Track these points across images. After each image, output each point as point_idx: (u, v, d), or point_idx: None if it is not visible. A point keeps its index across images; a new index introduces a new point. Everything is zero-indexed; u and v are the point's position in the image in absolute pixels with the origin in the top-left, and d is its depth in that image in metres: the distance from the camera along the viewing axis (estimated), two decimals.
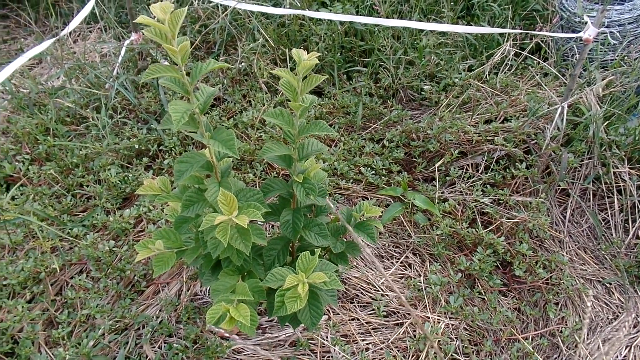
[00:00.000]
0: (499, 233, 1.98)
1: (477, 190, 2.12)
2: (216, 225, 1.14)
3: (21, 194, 2.27)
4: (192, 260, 1.37)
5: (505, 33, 2.74)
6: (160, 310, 1.92)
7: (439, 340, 1.69)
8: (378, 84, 2.85)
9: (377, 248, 2.13)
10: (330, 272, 1.26)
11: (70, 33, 3.60)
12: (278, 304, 1.20)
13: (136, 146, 2.46)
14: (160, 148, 2.51)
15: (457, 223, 2.00)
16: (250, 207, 1.25)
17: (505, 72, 2.72)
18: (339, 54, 2.97)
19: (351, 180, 2.31)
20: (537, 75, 2.49)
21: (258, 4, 2.86)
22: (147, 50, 3.13)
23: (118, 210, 2.25)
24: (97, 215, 2.16)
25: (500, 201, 2.10)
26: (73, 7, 4.04)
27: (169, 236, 1.38)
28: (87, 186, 2.32)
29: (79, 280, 1.93)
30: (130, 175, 2.34)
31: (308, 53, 2.99)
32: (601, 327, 1.80)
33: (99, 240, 2.06)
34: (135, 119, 2.71)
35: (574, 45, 2.59)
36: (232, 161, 2.42)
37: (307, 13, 2.41)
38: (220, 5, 2.99)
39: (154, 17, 1.11)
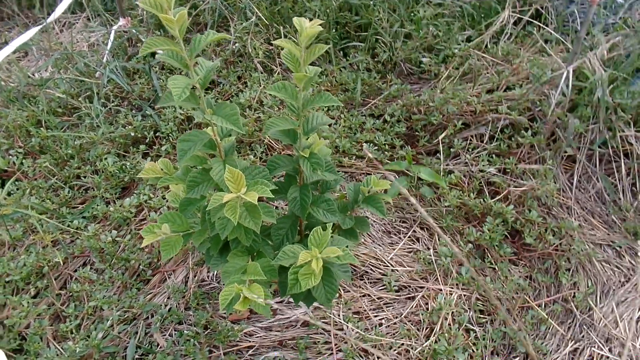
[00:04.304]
0: (507, 202, 1.96)
1: (482, 160, 2.09)
2: (224, 203, 1.10)
3: (17, 189, 2.22)
4: (199, 242, 1.33)
5: None
6: (168, 298, 1.89)
7: (452, 312, 1.68)
8: (376, 59, 2.79)
9: (384, 224, 2.10)
10: (343, 246, 1.23)
11: (55, 23, 3.50)
12: (292, 282, 1.17)
13: (132, 134, 2.40)
14: (157, 134, 2.45)
15: (464, 194, 1.97)
16: (258, 184, 1.21)
17: (505, 41, 2.67)
18: (334, 30, 2.90)
19: (354, 157, 2.27)
20: (539, 41, 2.44)
21: None
22: (136, 36, 3.05)
23: (118, 199, 2.21)
24: (97, 206, 2.12)
25: (507, 170, 2.07)
26: None
27: (175, 220, 1.34)
28: (85, 177, 2.26)
29: (83, 272, 1.89)
30: (128, 164, 2.29)
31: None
32: (614, 290, 1.79)
33: (100, 231, 2.02)
34: (129, 107, 2.64)
35: (575, 10, 2.53)
36: (236, 138, 2.37)
37: None
38: None
39: None
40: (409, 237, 2.02)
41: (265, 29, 2.88)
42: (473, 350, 1.61)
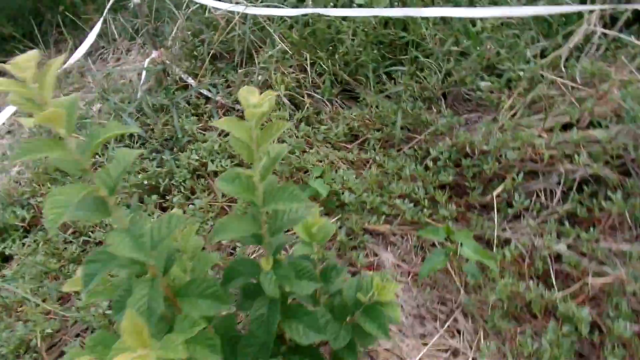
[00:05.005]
0: (581, 297, 1.42)
1: (551, 230, 1.56)
2: None
3: (34, 241, 2.15)
4: None
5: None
6: None
7: None
8: (422, 84, 2.34)
9: (418, 305, 1.67)
10: None
11: (91, 55, 3.48)
12: None
13: (145, 182, 2.22)
14: (172, 182, 2.24)
15: (522, 280, 1.47)
16: (183, 323, 0.89)
17: (592, 55, 2.07)
18: (375, 51, 2.49)
19: (383, 216, 1.86)
20: (637, 58, 1.82)
21: (272, 6, 2.47)
22: (171, 68, 2.90)
23: None
24: None
25: (585, 248, 1.52)
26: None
27: (108, 342, 1.06)
28: (93, 232, 2.12)
29: (73, 347, 1.73)
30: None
31: (336, 54, 2.43)
32: None
33: (95, 301, 1.84)
34: (150, 149, 2.47)
35: None
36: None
37: (323, 11, 1.96)
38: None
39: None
40: (447, 327, 1.58)
41: (297, 55, 2.56)
42: None
